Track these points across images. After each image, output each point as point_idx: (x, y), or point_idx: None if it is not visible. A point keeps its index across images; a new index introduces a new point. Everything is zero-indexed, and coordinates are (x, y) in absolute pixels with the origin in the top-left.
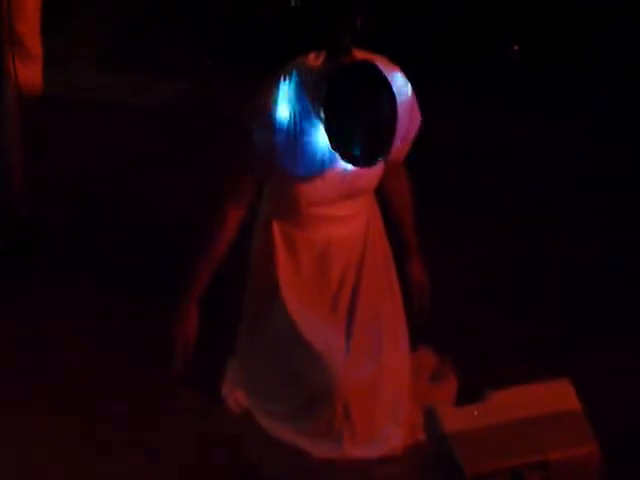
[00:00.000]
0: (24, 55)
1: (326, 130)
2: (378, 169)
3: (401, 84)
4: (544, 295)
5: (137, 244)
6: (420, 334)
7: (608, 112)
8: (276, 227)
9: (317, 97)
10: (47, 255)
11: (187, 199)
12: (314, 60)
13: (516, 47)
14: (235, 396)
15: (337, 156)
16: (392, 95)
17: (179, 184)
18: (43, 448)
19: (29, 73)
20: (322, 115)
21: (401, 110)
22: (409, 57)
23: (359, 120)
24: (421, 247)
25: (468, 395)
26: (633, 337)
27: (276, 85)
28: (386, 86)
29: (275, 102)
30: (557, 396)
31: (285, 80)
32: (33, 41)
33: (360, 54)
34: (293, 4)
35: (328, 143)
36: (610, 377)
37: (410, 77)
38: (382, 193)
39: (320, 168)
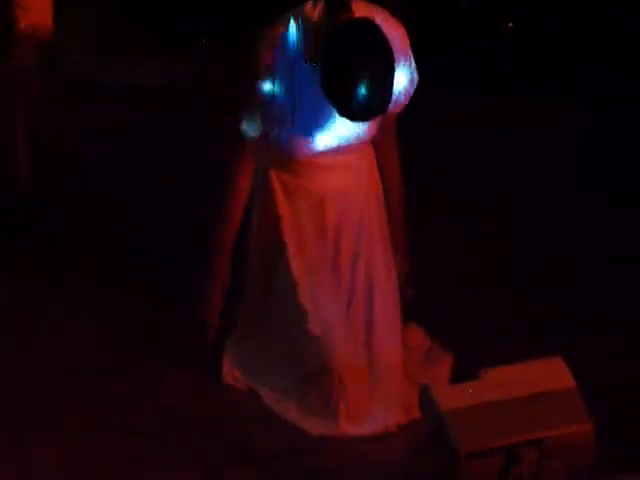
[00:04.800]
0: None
1: (323, 84)
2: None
3: (399, 37)
4: (541, 273)
5: (138, 226)
6: (413, 313)
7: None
8: (273, 175)
9: (315, 53)
10: (46, 236)
11: (188, 179)
12: (312, 10)
13: (510, 24)
14: (234, 373)
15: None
16: (390, 54)
17: (179, 164)
18: (41, 427)
19: (37, 15)
20: (319, 70)
21: (398, 66)
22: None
23: (356, 78)
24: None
25: (462, 373)
26: (630, 321)
27: (274, 34)
28: (384, 45)
29: (273, 52)
30: (552, 374)
31: (283, 30)
32: None
33: (359, 6)
34: None
35: (325, 96)
36: (609, 355)
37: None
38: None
39: (317, 118)
